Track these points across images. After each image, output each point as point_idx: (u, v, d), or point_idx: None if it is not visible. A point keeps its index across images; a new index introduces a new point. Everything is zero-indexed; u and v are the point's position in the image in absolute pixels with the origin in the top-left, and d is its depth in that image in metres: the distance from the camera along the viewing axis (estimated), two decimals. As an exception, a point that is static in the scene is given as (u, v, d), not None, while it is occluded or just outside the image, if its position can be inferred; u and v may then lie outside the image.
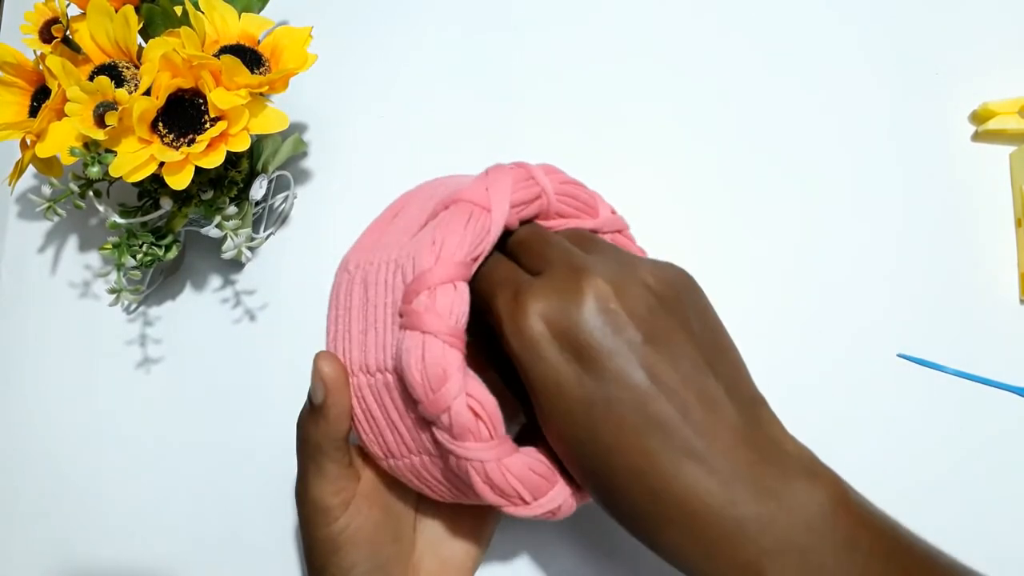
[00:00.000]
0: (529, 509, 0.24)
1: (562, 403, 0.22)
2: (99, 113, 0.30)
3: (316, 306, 0.39)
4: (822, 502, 0.21)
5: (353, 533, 0.27)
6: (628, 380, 0.21)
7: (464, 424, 0.23)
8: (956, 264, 0.36)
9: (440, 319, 0.23)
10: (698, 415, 0.22)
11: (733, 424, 0.22)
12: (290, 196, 0.40)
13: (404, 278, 0.25)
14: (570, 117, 0.41)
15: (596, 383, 0.22)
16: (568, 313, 0.22)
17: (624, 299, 0.22)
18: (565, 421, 0.22)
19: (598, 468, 0.22)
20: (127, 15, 0.33)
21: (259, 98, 0.32)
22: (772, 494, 0.21)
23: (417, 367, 0.23)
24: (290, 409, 0.34)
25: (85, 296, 0.41)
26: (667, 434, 0.21)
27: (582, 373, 0.22)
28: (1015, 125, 0.37)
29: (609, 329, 0.22)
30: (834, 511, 0.21)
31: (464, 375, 0.24)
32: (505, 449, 0.24)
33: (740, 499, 0.20)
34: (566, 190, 0.29)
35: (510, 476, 0.24)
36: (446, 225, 0.25)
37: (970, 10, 0.40)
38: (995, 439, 0.33)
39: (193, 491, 0.37)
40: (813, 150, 0.39)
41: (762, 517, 0.20)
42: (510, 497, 0.24)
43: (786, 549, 0.20)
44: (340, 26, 0.44)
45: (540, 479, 0.24)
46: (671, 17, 0.42)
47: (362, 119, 0.42)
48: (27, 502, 0.38)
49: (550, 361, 0.22)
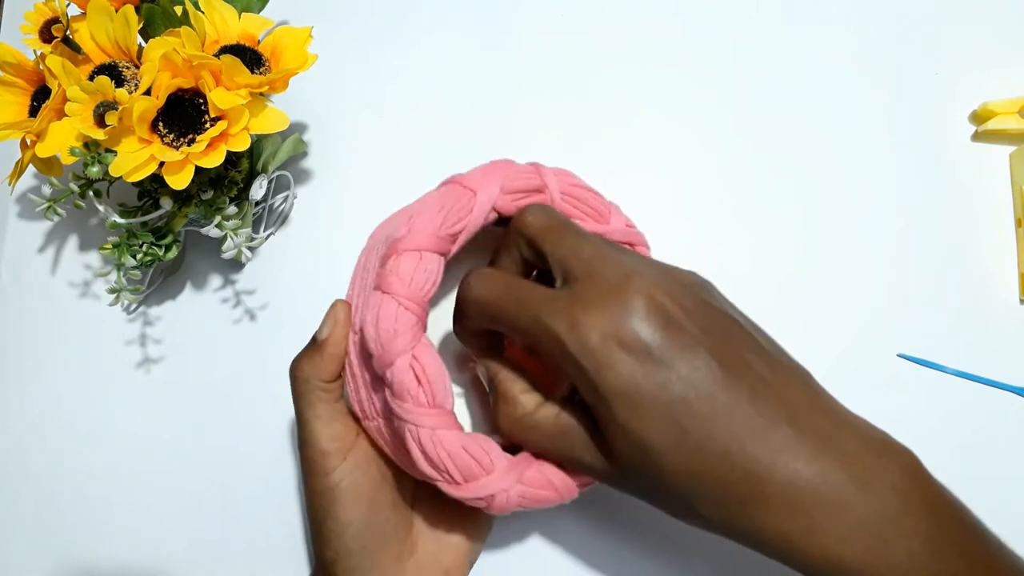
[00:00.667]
0: (460, 490, 0.25)
1: (643, 410, 0.22)
2: (99, 113, 0.30)
3: (316, 306, 0.39)
4: (900, 474, 0.22)
5: (351, 486, 0.28)
6: (702, 372, 0.22)
7: (403, 383, 0.25)
8: (956, 264, 0.36)
9: (400, 282, 0.25)
10: (772, 392, 0.22)
11: (804, 397, 0.23)
12: (290, 196, 0.40)
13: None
14: (571, 117, 0.41)
15: (672, 382, 0.22)
16: (629, 322, 0.22)
17: (674, 296, 0.23)
18: (650, 428, 0.22)
19: (690, 465, 0.22)
20: (127, 15, 0.33)
21: (259, 98, 0.32)
22: (855, 464, 0.21)
23: (372, 323, 0.25)
24: (290, 409, 0.34)
25: (85, 296, 0.41)
26: (750, 415, 0.22)
27: (655, 375, 0.22)
28: (1015, 125, 0.37)
29: (672, 328, 0.22)
30: (913, 480, 0.22)
31: (414, 338, 0.25)
32: (443, 422, 0.25)
33: (828, 470, 0.21)
34: (574, 192, 0.29)
35: (440, 449, 0.25)
36: (427, 201, 0.27)
37: (970, 10, 0.40)
38: (995, 439, 0.33)
39: (193, 491, 0.37)
40: (813, 150, 0.39)
41: (849, 488, 0.21)
42: (440, 471, 0.25)
43: (872, 519, 0.21)
44: (340, 26, 0.44)
45: (472, 462, 0.25)
46: (672, 18, 0.42)
47: (362, 119, 0.42)
48: (27, 502, 0.38)
49: (623, 371, 0.22)
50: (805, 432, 0.22)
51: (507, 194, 0.28)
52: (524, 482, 0.25)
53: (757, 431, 0.21)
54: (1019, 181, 0.37)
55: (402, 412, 0.25)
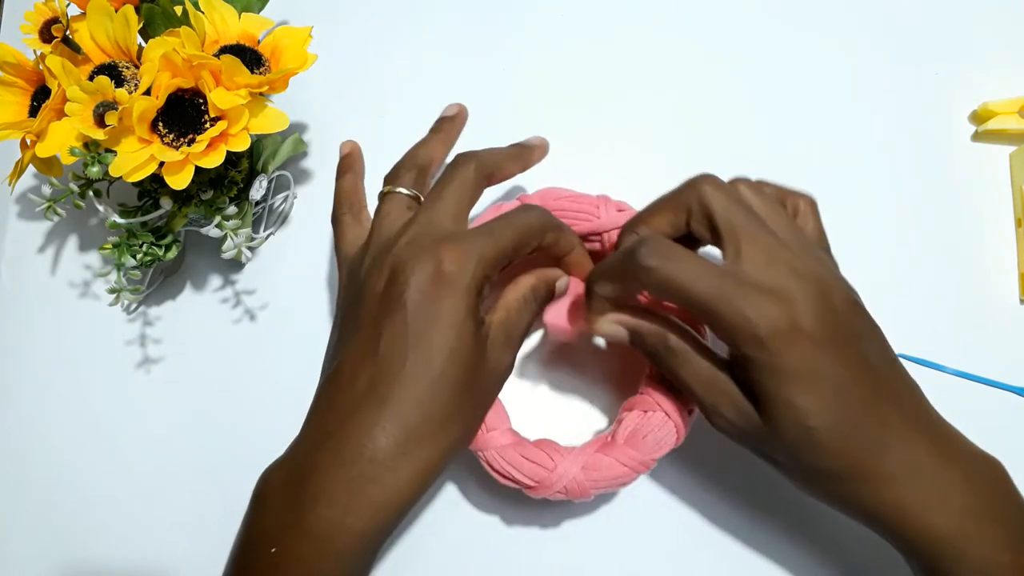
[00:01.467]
0: (536, 492, 0.29)
1: (811, 392, 0.25)
2: (99, 113, 0.30)
3: (316, 306, 0.39)
4: (993, 476, 0.26)
5: None
6: (861, 363, 0.25)
7: None
8: (956, 264, 0.36)
9: None
10: (907, 393, 0.26)
11: (923, 403, 0.27)
12: (290, 196, 0.40)
13: None
14: (571, 119, 0.41)
15: (839, 371, 0.25)
16: (810, 314, 0.25)
17: (840, 294, 0.26)
18: (813, 409, 0.25)
19: (840, 444, 0.25)
20: (127, 15, 0.33)
21: (259, 98, 0.32)
22: (963, 463, 0.25)
23: None
24: (290, 408, 0.34)
25: (85, 296, 0.41)
26: (891, 410, 0.25)
27: (826, 363, 0.25)
28: (1015, 125, 0.37)
29: (840, 322, 0.25)
30: (1003, 483, 0.26)
31: None
32: (502, 441, 0.29)
33: (942, 463, 0.25)
34: (559, 205, 0.33)
35: (507, 464, 0.29)
36: None
37: (970, 11, 0.40)
38: (995, 439, 0.33)
39: (193, 491, 0.37)
40: (813, 150, 0.39)
41: (957, 480, 0.25)
42: (514, 482, 0.30)
43: (973, 507, 0.25)
44: (340, 26, 0.44)
45: (536, 466, 0.29)
46: (673, 16, 0.42)
47: (362, 119, 0.42)
48: (27, 502, 0.38)
49: (800, 357, 0.25)
50: (927, 432, 0.26)
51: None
52: (588, 467, 0.29)
53: (896, 424, 0.25)
54: (1019, 181, 0.37)
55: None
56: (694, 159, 0.39)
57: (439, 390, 0.26)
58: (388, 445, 0.25)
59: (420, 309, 0.26)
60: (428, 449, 0.26)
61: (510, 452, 0.29)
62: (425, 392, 0.26)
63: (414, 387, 0.25)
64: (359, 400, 0.26)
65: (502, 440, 0.29)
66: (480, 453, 0.30)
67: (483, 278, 0.27)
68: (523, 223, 0.28)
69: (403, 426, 0.25)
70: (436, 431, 0.26)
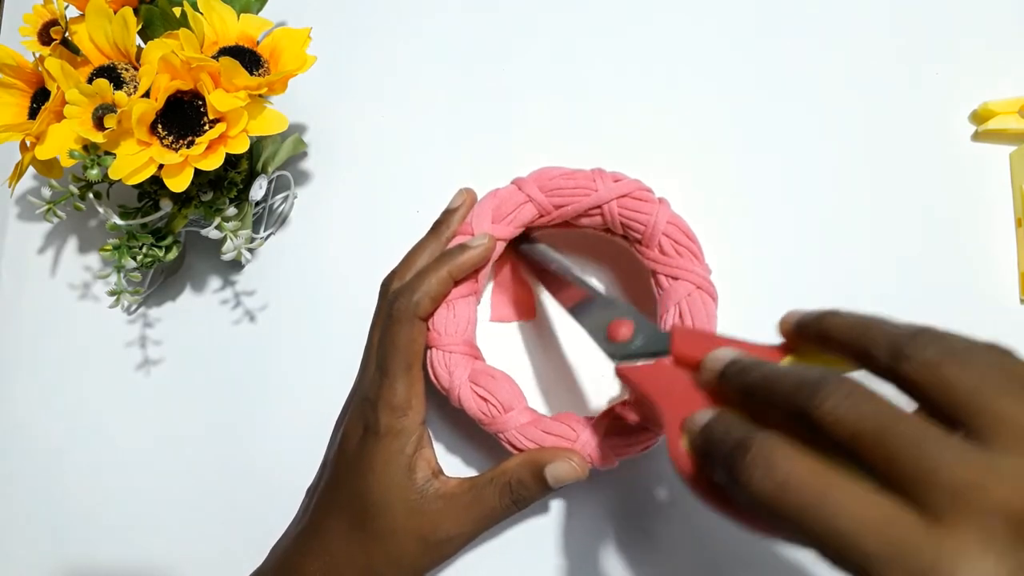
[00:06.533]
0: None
1: None
2: (98, 115, 0.30)
3: (316, 306, 0.39)
4: None
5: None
6: None
7: (473, 407, 0.30)
8: (956, 264, 0.36)
9: (438, 335, 0.31)
10: None
11: None
12: (290, 196, 0.40)
13: None
14: (569, 116, 0.41)
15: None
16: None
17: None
18: None
19: None
20: (126, 17, 0.33)
21: (258, 99, 0.32)
22: None
23: (431, 375, 0.31)
24: (290, 408, 0.34)
25: (85, 297, 0.41)
26: None
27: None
28: (1015, 125, 0.37)
29: None
30: None
31: (466, 368, 0.31)
32: (519, 420, 0.30)
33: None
34: (555, 184, 0.33)
35: (528, 442, 0.30)
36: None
37: (970, 10, 0.40)
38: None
39: (193, 491, 0.37)
40: (813, 150, 0.39)
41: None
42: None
43: None
44: (340, 26, 0.44)
45: (557, 439, 0.29)
46: (674, 18, 0.42)
47: (362, 119, 0.42)
48: (27, 502, 0.38)
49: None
50: None
51: (498, 222, 0.32)
52: (609, 432, 0.29)
53: None
54: (1019, 181, 0.36)
55: (486, 427, 0.30)
56: (692, 159, 0.39)
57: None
58: None
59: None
60: None
61: (530, 429, 0.30)
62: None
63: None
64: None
65: (521, 419, 0.30)
66: (501, 435, 0.30)
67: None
68: (405, 338, 0.30)
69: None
70: None
